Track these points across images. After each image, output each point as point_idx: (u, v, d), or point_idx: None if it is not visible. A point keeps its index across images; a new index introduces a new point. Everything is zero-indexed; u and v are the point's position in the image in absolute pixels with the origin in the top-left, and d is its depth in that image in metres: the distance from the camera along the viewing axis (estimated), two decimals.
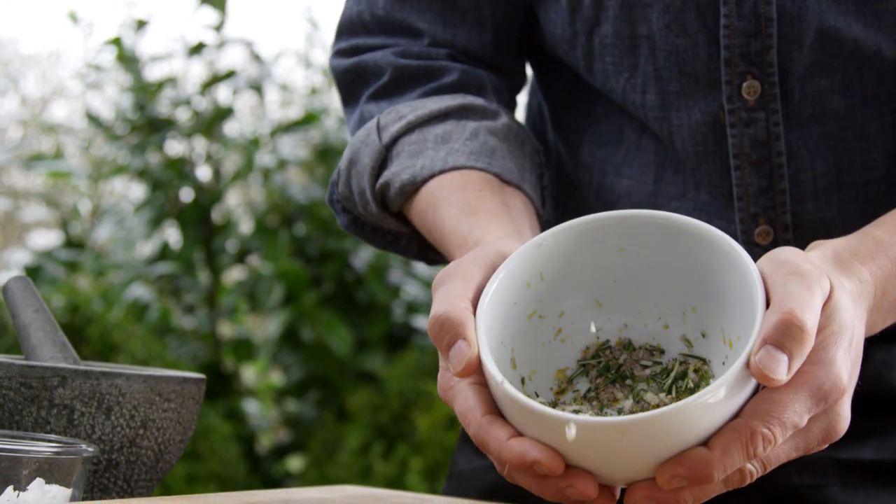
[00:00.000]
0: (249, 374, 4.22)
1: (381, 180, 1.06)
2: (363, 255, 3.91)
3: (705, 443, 0.77)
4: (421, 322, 3.96)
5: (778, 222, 1.06)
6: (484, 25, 1.12)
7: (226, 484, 3.38)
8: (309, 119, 4.03)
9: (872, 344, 1.08)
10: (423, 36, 1.12)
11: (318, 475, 3.56)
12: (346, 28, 1.16)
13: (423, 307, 3.98)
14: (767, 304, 0.79)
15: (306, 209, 3.92)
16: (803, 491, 1.08)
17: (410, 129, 1.06)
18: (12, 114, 5.25)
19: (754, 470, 0.79)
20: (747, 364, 0.77)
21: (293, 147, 4.07)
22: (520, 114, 1.28)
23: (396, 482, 3.36)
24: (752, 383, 0.78)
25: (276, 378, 4.17)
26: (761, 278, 0.80)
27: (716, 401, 0.76)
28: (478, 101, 1.09)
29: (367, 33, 1.14)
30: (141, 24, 3.96)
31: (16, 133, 5.37)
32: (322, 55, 4.26)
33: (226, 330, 4.11)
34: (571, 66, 1.11)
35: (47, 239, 4.29)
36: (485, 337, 0.81)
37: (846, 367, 0.80)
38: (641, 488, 0.78)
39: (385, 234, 1.12)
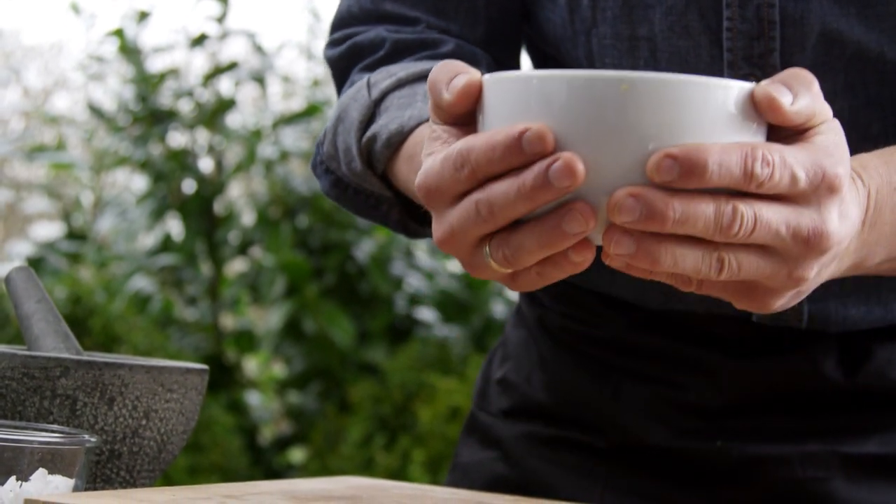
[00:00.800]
0: (251, 365, 4.23)
1: (369, 133, 1.04)
2: (365, 247, 3.92)
3: None
4: (423, 314, 3.96)
5: None
6: (477, 17, 1.12)
7: (228, 475, 3.39)
8: (311, 111, 4.03)
9: (876, 341, 1.09)
10: (419, 23, 1.12)
11: (320, 467, 3.57)
12: (339, 23, 1.16)
13: (425, 299, 3.98)
14: None
15: (308, 201, 3.93)
16: (807, 484, 1.08)
17: (400, 84, 1.05)
18: (14, 105, 5.26)
19: (746, 214, 0.73)
20: (752, 97, 0.75)
21: (295, 139, 4.07)
22: None
23: (398, 474, 3.36)
24: (758, 130, 0.76)
25: (278, 370, 4.18)
26: None
27: (726, 97, 0.74)
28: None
29: (358, 24, 1.14)
30: (143, 16, 3.96)
31: (18, 124, 5.37)
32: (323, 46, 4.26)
33: (228, 322, 4.12)
34: (576, 65, 1.11)
35: (49, 230, 4.30)
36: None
37: (845, 166, 0.77)
38: (627, 188, 0.72)
39: (367, 197, 1.10)
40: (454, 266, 4.06)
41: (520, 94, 0.75)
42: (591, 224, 0.74)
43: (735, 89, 0.75)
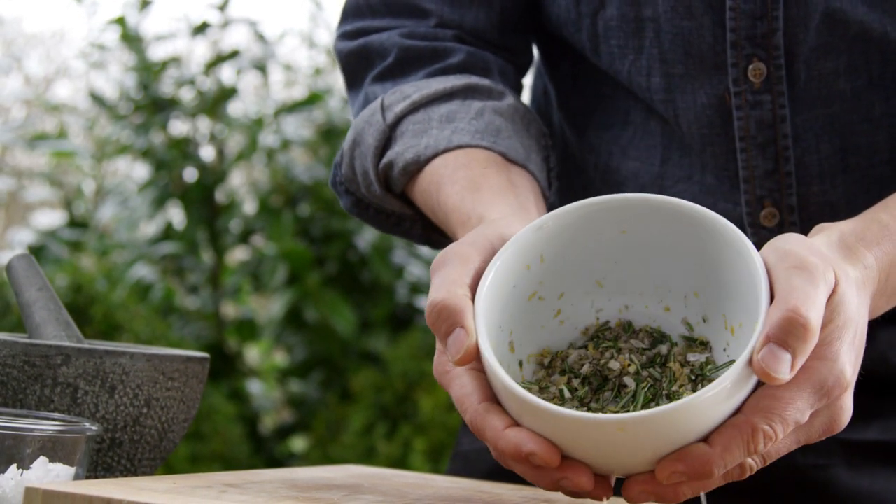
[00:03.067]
0: (253, 354, 4.22)
1: (385, 160, 1.05)
2: (367, 236, 3.91)
3: (705, 438, 0.77)
4: (424, 303, 3.95)
5: (784, 204, 1.05)
6: (492, 5, 1.12)
7: (229, 464, 3.38)
8: (313, 99, 4.02)
9: (878, 325, 1.08)
10: (431, 16, 1.12)
11: (322, 455, 3.57)
12: (352, 11, 1.15)
13: (426, 288, 3.97)
14: (772, 298, 0.78)
15: (310, 189, 3.92)
16: (808, 471, 1.08)
17: (415, 108, 1.06)
18: (16, 93, 5.25)
19: (754, 464, 0.79)
20: (750, 362, 0.76)
21: (297, 127, 4.06)
22: (525, 96, 1.27)
23: (400, 463, 3.36)
24: (754, 380, 0.78)
25: (280, 358, 4.17)
26: (765, 269, 0.80)
27: (718, 398, 0.76)
28: (483, 81, 1.08)
29: (372, 15, 1.14)
30: (145, 4, 3.95)
31: (19, 112, 5.36)
32: (326, 35, 4.26)
33: (229, 310, 4.11)
34: (578, 48, 1.10)
35: (51, 219, 4.29)
36: (483, 325, 0.81)
37: (850, 361, 0.79)
38: (640, 482, 0.78)
39: (389, 216, 1.11)
40: None
41: (521, 410, 0.79)
42: (606, 497, 0.80)
43: (729, 384, 0.76)
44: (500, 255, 0.84)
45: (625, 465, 0.78)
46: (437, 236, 1.10)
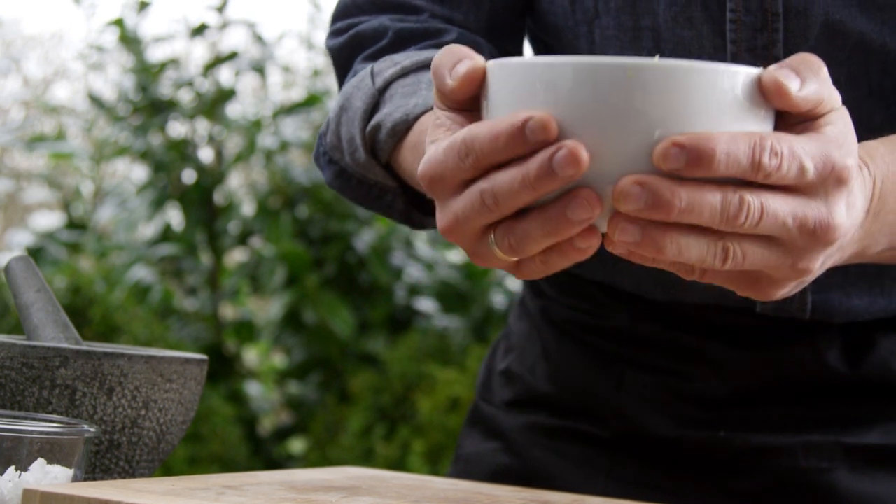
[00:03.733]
0: (251, 356, 4.22)
1: (373, 122, 1.03)
2: (365, 238, 3.91)
3: None
4: (423, 304, 3.96)
5: None
6: (481, 7, 1.12)
7: (227, 466, 3.39)
8: (311, 101, 4.02)
9: (879, 331, 1.08)
10: (422, 12, 1.12)
11: (320, 457, 3.57)
12: (341, 12, 1.15)
13: (425, 290, 3.98)
14: None
15: (308, 191, 3.92)
16: (810, 474, 1.09)
17: (405, 73, 1.04)
18: (14, 95, 5.25)
19: (753, 205, 0.73)
20: (760, 82, 0.74)
21: (295, 129, 4.06)
22: None
23: (398, 464, 3.36)
24: (766, 117, 0.75)
25: (278, 360, 4.17)
26: None
27: (732, 84, 0.73)
28: None
29: (361, 13, 1.14)
30: (143, 5, 3.95)
31: (18, 114, 5.36)
32: (324, 36, 4.26)
33: (228, 312, 4.11)
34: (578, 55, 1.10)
35: (49, 220, 4.29)
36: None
37: (854, 157, 0.76)
38: (632, 177, 0.72)
39: (371, 187, 1.09)
40: (454, 256, 4.06)
41: (523, 81, 0.75)
42: (596, 211, 0.73)
43: (742, 75, 0.74)
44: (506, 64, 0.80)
45: (625, 144, 0.73)
46: (419, 215, 1.08)
